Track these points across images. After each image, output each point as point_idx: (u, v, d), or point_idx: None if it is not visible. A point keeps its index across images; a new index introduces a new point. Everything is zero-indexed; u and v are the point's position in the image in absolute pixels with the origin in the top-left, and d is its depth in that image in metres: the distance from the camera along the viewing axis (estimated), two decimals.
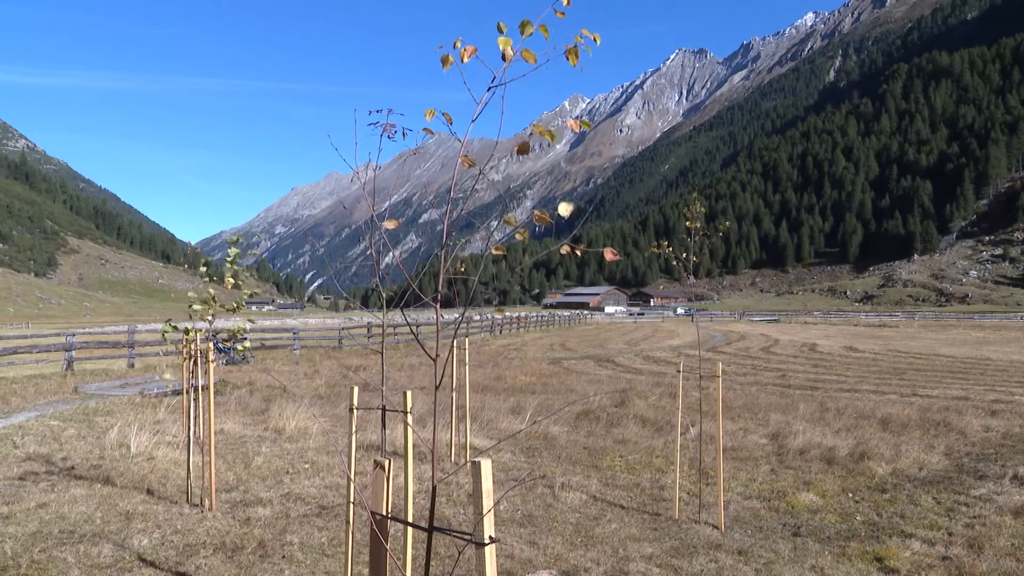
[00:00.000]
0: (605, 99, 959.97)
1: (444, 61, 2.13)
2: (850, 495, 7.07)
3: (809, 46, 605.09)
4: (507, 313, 65.90)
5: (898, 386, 17.74)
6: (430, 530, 2.07)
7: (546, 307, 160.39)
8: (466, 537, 1.96)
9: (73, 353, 20.38)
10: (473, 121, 2.18)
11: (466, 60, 2.09)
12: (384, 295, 3.95)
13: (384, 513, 2.43)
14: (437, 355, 2.28)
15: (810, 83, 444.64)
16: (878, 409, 12.32)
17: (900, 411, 12.00)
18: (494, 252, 2.34)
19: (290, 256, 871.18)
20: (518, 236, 2.14)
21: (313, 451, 8.76)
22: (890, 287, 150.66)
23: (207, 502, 6.22)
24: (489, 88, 2.06)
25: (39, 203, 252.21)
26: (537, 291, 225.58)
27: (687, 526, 6.03)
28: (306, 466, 7.94)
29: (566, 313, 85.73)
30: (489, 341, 39.31)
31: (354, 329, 35.65)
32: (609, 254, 2.13)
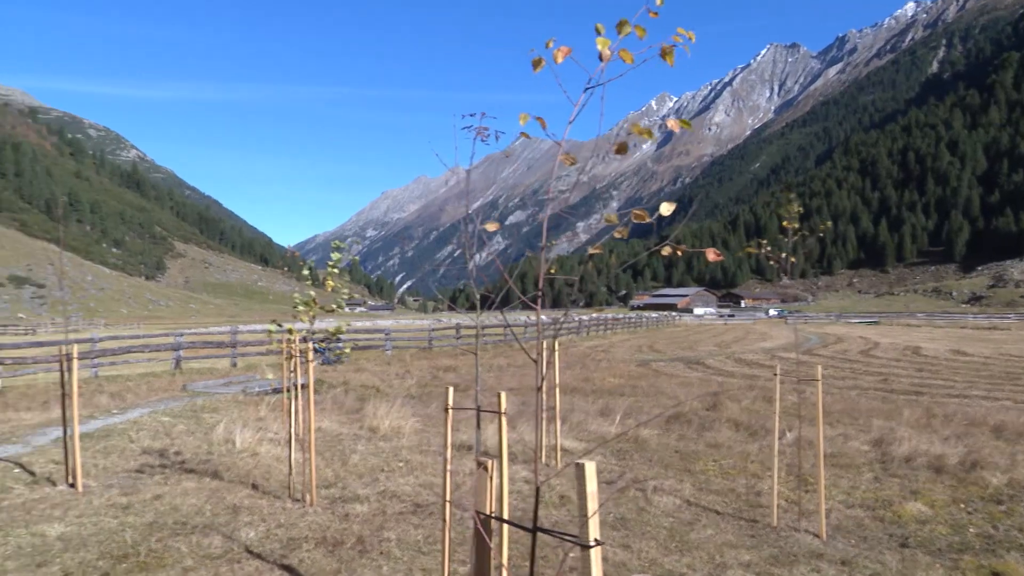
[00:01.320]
0: (693, 97, 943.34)
1: (536, 64, 2.13)
2: (962, 506, 6.72)
3: (910, 37, 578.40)
4: (606, 314, 65.56)
5: (1012, 392, 16.75)
6: (534, 530, 2.09)
7: (633, 308, 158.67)
8: (571, 539, 1.96)
9: (181, 352, 21.44)
10: (570, 123, 2.18)
11: (559, 61, 2.09)
12: (477, 296, 4.00)
13: (488, 513, 2.46)
14: (540, 356, 2.29)
15: (911, 75, 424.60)
16: (990, 416, 11.66)
17: (1015, 418, 11.32)
18: (592, 252, 2.33)
19: (380, 259, 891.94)
20: (616, 234, 2.13)
21: (407, 450, 8.94)
22: (1000, 287, 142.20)
23: (308, 498, 6.44)
24: (586, 88, 2.06)
25: (149, 210, 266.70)
26: (624, 292, 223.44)
27: (786, 534, 5.85)
28: (400, 464, 8.11)
29: (654, 315, 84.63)
30: (576, 342, 39.22)
31: (443, 330, 36.17)
32: (712, 254, 2.09)
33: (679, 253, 2.14)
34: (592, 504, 1.95)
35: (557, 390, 8.61)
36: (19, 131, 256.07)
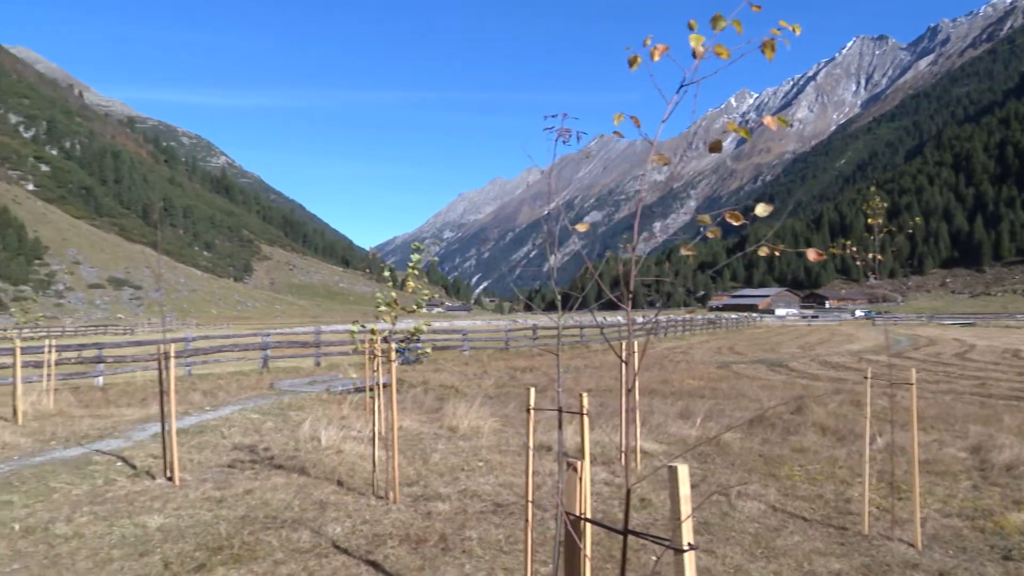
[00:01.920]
0: (774, 93, 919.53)
1: (632, 62, 2.12)
2: None
3: (1008, 25, 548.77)
4: (697, 315, 64.55)
5: None
6: (625, 533, 2.08)
7: (712, 309, 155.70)
8: (664, 542, 1.94)
9: (268, 352, 22.18)
10: (664, 121, 2.16)
11: (656, 59, 2.07)
12: (558, 297, 4.00)
13: (578, 514, 2.46)
14: (630, 357, 2.28)
15: (1009, 65, 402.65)
16: None
17: None
18: (684, 252, 2.30)
19: (457, 260, 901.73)
20: (710, 234, 2.10)
21: (486, 449, 9.01)
22: None
23: (391, 495, 6.57)
24: (681, 86, 2.03)
25: (237, 214, 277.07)
26: (702, 293, 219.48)
27: (878, 542, 5.65)
28: (480, 464, 8.19)
29: (733, 316, 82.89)
30: (653, 343, 38.76)
31: (520, 331, 36.30)
32: (813, 254, 2.04)
33: (776, 253, 2.09)
34: (685, 508, 1.93)
35: (636, 392, 8.53)
36: (118, 140, 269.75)
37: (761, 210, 2.01)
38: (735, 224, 2.04)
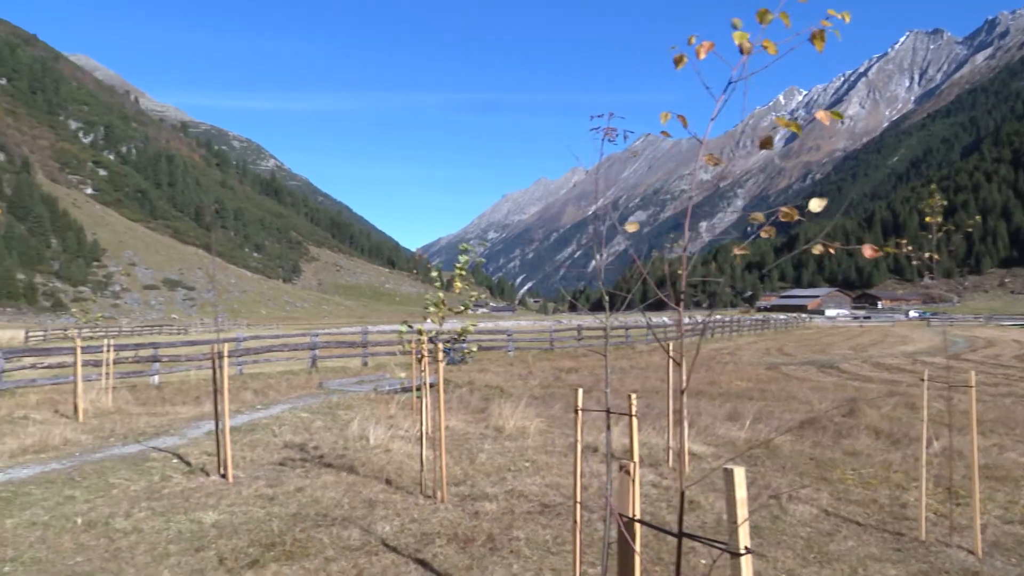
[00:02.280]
0: (824, 90, 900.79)
1: (677, 61, 2.10)
2: None
3: None
4: (750, 315, 63.72)
5: None
6: (680, 535, 2.06)
7: (759, 310, 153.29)
8: (720, 546, 1.92)
9: (317, 352, 22.53)
10: (712, 119, 2.14)
11: (702, 57, 2.05)
12: (605, 297, 3.99)
13: (631, 516, 2.45)
14: (683, 358, 2.26)
15: None
16: None
17: None
18: (737, 252, 2.27)
19: (501, 260, 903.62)
20: (763, 234, 2.07)
21: (532, 450, 9.02)
22: None
23: (439, 494, 6.62)
24: (729, 84, 2.01)
25: (286, 216, 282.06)
26: (750, 293, 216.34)
27: (936, 549, 5.50)
28: (526, 464, 8.20)
29: (782, 316, 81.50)
30: (699, 344, 38.31)
31: (564, 331, 36.23)
32: (868, 250, 2.00)
33: (831, 251, 2.06)
34: (741, 511, 1.90)
35: (684, 393, 8.44)
36: (172, 144, 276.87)
37: (815, 205, 1.97)
38: (790, 220, 2.00)
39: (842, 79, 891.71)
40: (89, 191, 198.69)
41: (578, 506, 4.01)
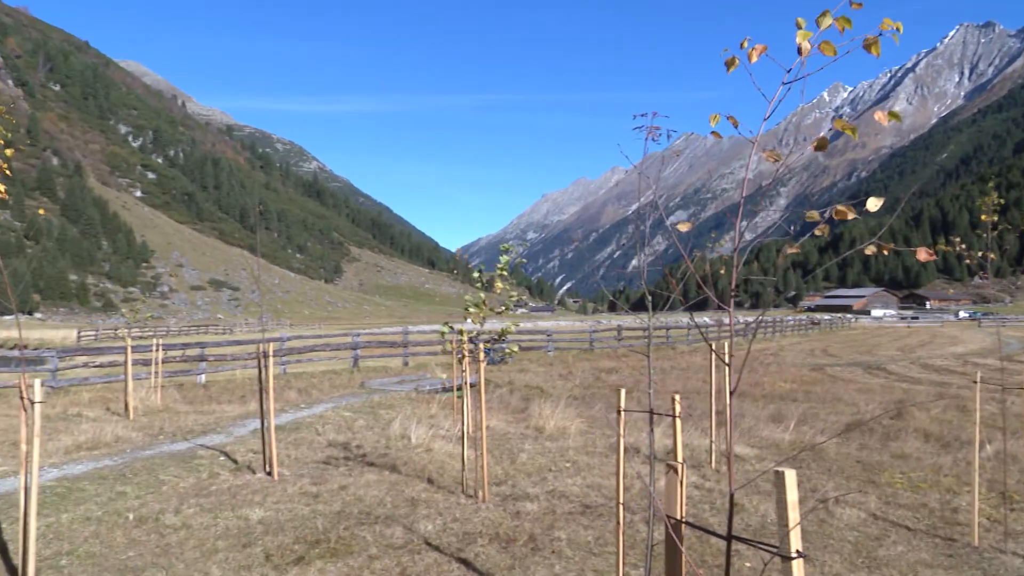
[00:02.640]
0: (870, 87, 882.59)
1: (729, 64, 2.08)
2: None
3: None
4: (803, 316, 62.73)
5: None
6: (729, 538, 2.04)
7: (803, 310, 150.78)
8: (771, 549, 1.90)
9: (358, 352, 22.77)
10: (765, 119, 2.12)
11: (754, 60, 2.04)
12: (648, 297, 3.97)
13: (679, 517, 2.43)
14: (731, 359, 2.24)
15: None
16: None
17: None
18: (789, 251, 2.24)
19: (540, 260, 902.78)
20: (818, 232, 2.03)
21: (573, 450, 9.00)
22: None
23: (480, 494, 6.65)
24: (783, 83, 1.99)
25: (328, 217, 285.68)
26: (793, 293, 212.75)
27: (989, 555, 5.35)
28: (567, 465, 8.18)
29: (826, 316, 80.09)
30: (742, 345, 37.84)
31: (604, 332, 36.08)
32: (923, 254, 1.96)
33: (885, 252, 2.02)
34: (793, 514, 1.88)
35: (727, 393, 8.36)
36: (218, 148, 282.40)
37: (872, 205, 1.94)
38: (845, 219, 1.97)
39: (888, 75, 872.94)
40: (138, 194, 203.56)
41: (621, 507, 3.99)
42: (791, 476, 1.92)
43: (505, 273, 7.03)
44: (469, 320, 7.36)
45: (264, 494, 6.79)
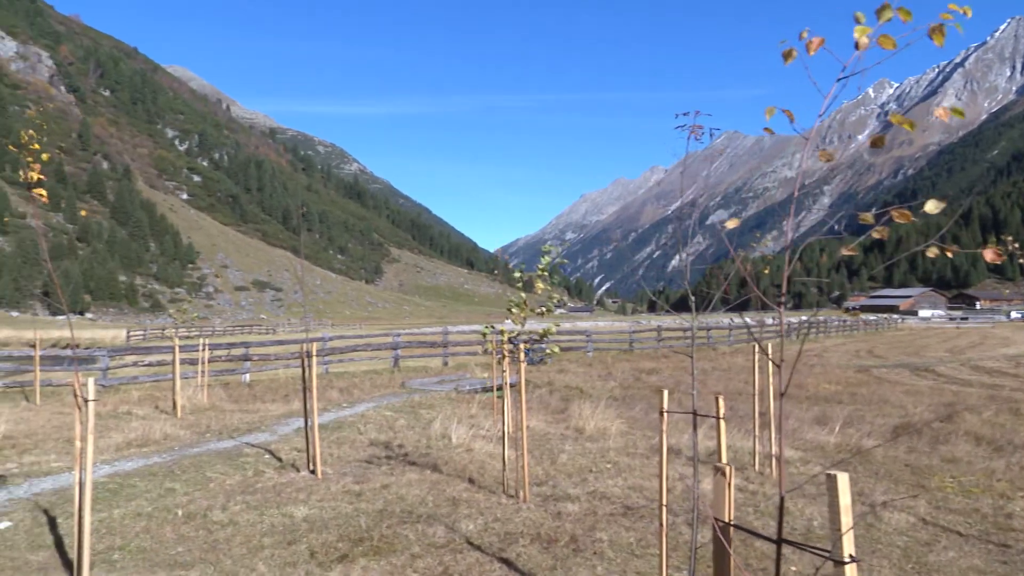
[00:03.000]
0: (917, 82, 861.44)
1: (786, 56, 2.05)
2: None
3: None
4: (859, 317, 61.71)
5: None
6: (779, 542, 2.02)
7: (848, 311, 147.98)
8: (823, 553, 1.87)
9: (399, 352, 22.95)
10: (821, 116, 2.09)
11: (812, 52, 2.00)
12: (692, 298, 3.93)
13: (727, 520, 2.41)
14: (781, 360, 2.21)
15: None
16: None
17: None
18: (845, 252, 2.20)
19: (579, 261, 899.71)
20: (875, 234, 1.99)
21: (614, 451, 8.96)
22: None
23: (521, 494, 6.65)
24: (839, 79, 1.96)
25: (368, 218, 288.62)
26: (837, 293, 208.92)
27: None
28: (608, 466, 8.15)
29: (872, 317, 78.51)
30: (785, 346, 37.27)
31: (644, 332, 35.84)
32: (990, 254, 1.91)
33: (949, 255, 1.97)
34: (846, 518, 1.85)
35: (771, 395, 8.25)
36: (261, 150, 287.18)
37: (932, 207, 1.90)
38: (906, 222, 1.93)
39: (936, 70, 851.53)
40: (184, 196, 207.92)
41: (664, 509, 3.97)
42: (843, 479, 1.89)
43: (546, 274, 7.03)
44: (509, 320, 7.38)
45: (308, 492, 6.89)
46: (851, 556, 1.83)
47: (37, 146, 4.69)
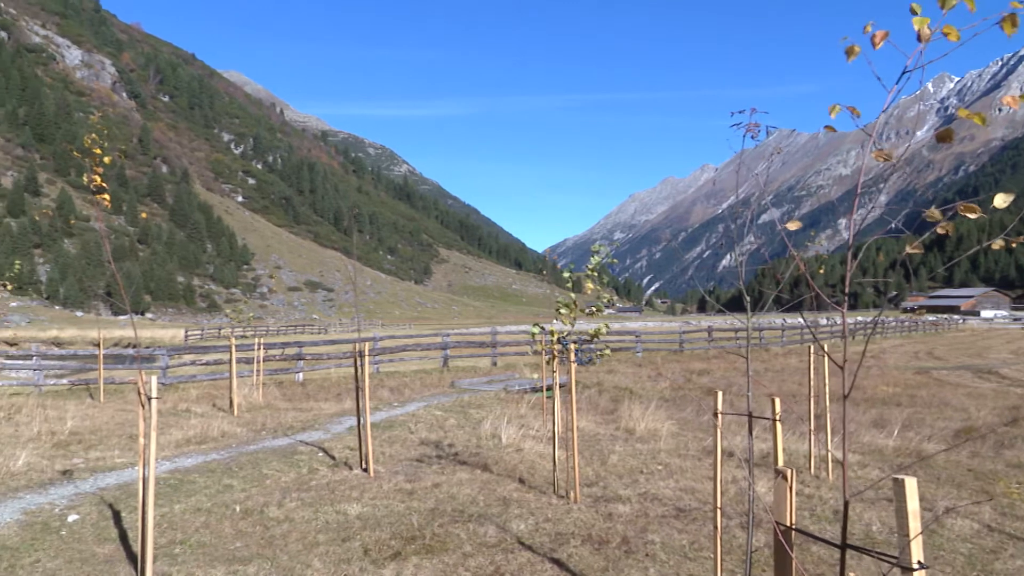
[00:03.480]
0: (979, 76, 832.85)
1: (849, 52, 2.01)
2: None
3: None
4: (925, 316, 60.19)
5: None
6: (843, 547, 1.98)
7: (905, 311, 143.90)
8: (890, 559, 1.83)
9: (448, 351, 23.11)
10: (884, 111, 2.05)
11: (878, 46, 1.96)
12: (746, 297, 3.88)
13: (788, 523, 2.37)
14: (845, 361, 2.17)
15: None
16: None
17: None
18: (910, 251, 2.15)
19: (628, 261, 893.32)
20: (940, 230, 1.94)
21: (664, 453, 8.88)
22: None
23: (571, 495, 6.64)
24: (904, 72, 1.91)
25: (417, 219, 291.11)
26: (894, 293, 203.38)
27: None
28: (659, 467, 8.08)
29: (931, 317, 76.24)
30: (839, 347, 36.46)
31: (694, 333, 35.44)
32: None
33: (1014, 245, 1.91)
34: (914, 524, 1.80)
35: (827, 397, 8.08)
36: (313, 153, 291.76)
37: (1000, 201, 1.84)
38: (974, 215, 1.87)
39: (999, 63, 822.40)
40: (239, 199, 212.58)
41: (719, 512, 3.92)
42: (911, 484, 1.84)
43: (595, 274, 7.00)
44: (559, 321, 7.37)
45: (361, 490, 6.98)
46: (920, 562, 1.78)
47: (99, 151, 4.85)
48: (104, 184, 4.92)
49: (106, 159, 4.94)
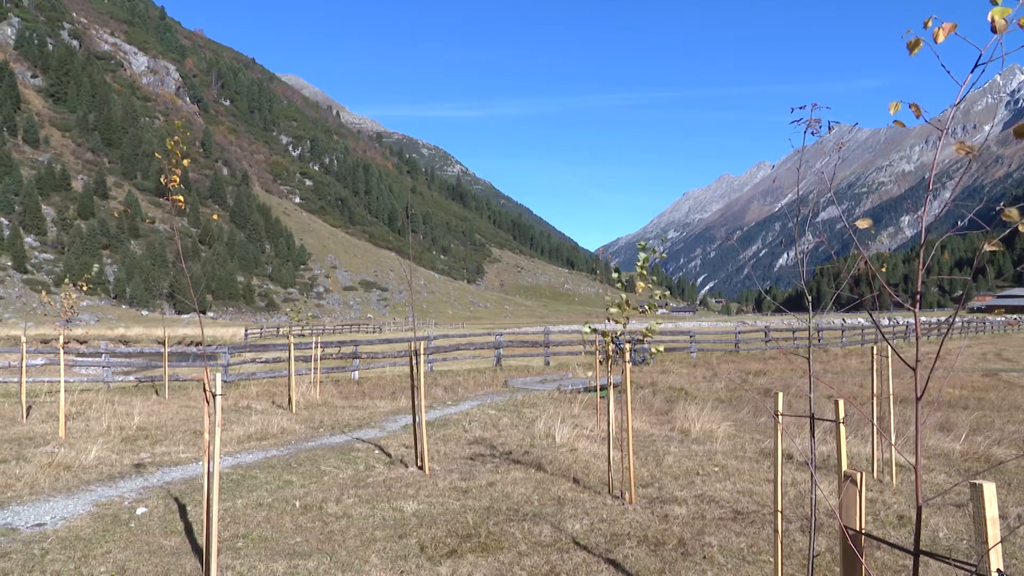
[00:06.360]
0: None
1: (912, 46, 1.95)
2: None
3: None
4: (991, 318, 58.34)
5: None
6: (916, 553, 1.93)
7: (972, 311, 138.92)
8: (967, 567, 1.77)
9: (501, 351, 23.18)
10: (956, 106, 1.99)
11: (941, 40, 1.90)
12: (808, 297, 3.80)
13: (857, 528, 2.32)
14: (918, 362, 2.12)
15: None
16: None
17: None
18: (988, 247, 2.08)
19: (682, 260, 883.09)
20: (1023, 227, 1.86)
21: (721, 454, 8.76)
22: None
23: (627, 495, 6.60)
24: (977, 65, 1.85)
25: (470, 219, 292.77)
26: (959, 293, 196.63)
27: None
28: (715, 469, 7.97)
29: (999, 318, 73.47)
30: (902, 348, 35.41)
31: (750, 333, 34.86)
32: None
33: None
34: (992, 530, 1.74)
35: (891, 399, 7.85)
36: (368, 154, 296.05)
37: None
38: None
39: None
40: (297, 200, 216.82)
41: (780, 515, 3.85)
42: (990, 489, 1.78)
43: (644, 272, 6.94)
44: (611, 320, 7.33)
45: (416, 487, 7.06)
46: (999, 571, 1.72)
47: (179, 153, 5.04)
48: (182, 185, 5.11)
49: (184, 161, 5.13)
